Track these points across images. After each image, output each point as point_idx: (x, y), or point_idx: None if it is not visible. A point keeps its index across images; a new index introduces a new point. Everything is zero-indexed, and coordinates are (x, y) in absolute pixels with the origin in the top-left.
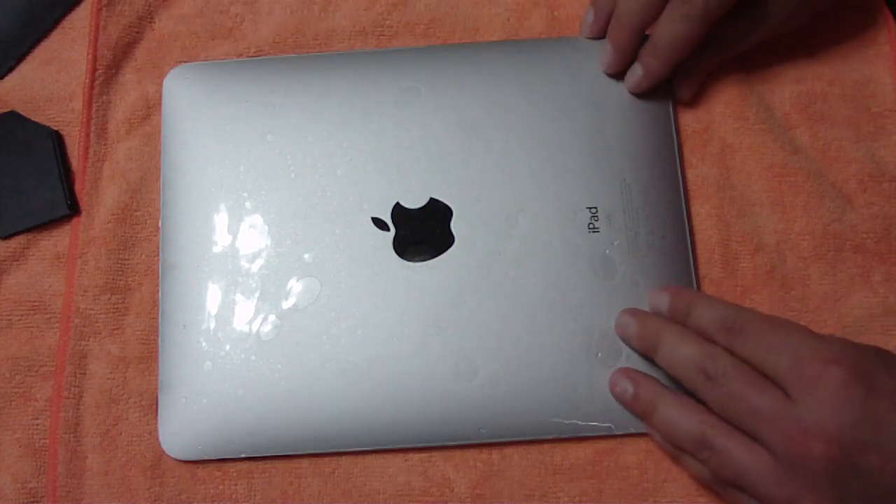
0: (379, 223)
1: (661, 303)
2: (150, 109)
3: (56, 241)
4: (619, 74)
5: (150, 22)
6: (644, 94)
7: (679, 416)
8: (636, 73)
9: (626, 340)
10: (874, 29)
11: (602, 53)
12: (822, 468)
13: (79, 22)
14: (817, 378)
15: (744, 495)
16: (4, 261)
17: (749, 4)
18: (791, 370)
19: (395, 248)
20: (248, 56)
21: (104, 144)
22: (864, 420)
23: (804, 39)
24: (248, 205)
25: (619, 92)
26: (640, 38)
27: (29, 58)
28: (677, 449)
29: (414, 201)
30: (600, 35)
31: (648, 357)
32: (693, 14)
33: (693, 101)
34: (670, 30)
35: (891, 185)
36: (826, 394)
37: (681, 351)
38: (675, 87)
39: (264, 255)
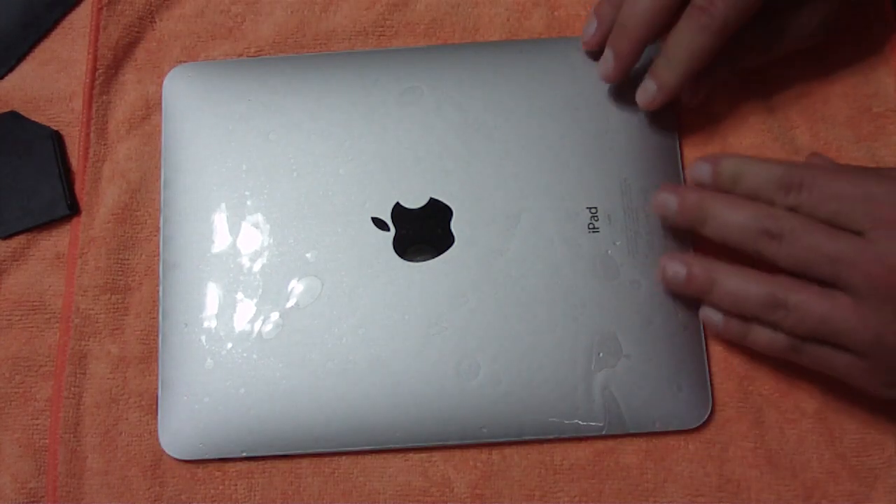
0: (379, 223)
1: (703, 173)
2: (150, 109)
3: (56, 241)
4: (617, 83)
5: (150, 22)
6: (657, 109)
7: (743, 282)
8: (649, 89)
9: (665, 220)
10: (877, 29)
11: (602, 62)
12: None
13: (79, 22)
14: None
15: (825, 349)
16: (4, 261)
17: (766, 20)
18: (867, 215)
19: (395, 248)
20: (248, 56)
21: (104, 144)
22: None
23: None
24: (249, 203)
25: (620, 92)
26: (644, 48)
27: (29, 58)
28: (743, 323)
29: (414, 201)
30: (601, 46)
31: (695, 232)
32: (712, 25)
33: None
34: (686, 41)
35: None
36: None
37: (733, 217)
38: (682, 92)
39: (266, 254)
